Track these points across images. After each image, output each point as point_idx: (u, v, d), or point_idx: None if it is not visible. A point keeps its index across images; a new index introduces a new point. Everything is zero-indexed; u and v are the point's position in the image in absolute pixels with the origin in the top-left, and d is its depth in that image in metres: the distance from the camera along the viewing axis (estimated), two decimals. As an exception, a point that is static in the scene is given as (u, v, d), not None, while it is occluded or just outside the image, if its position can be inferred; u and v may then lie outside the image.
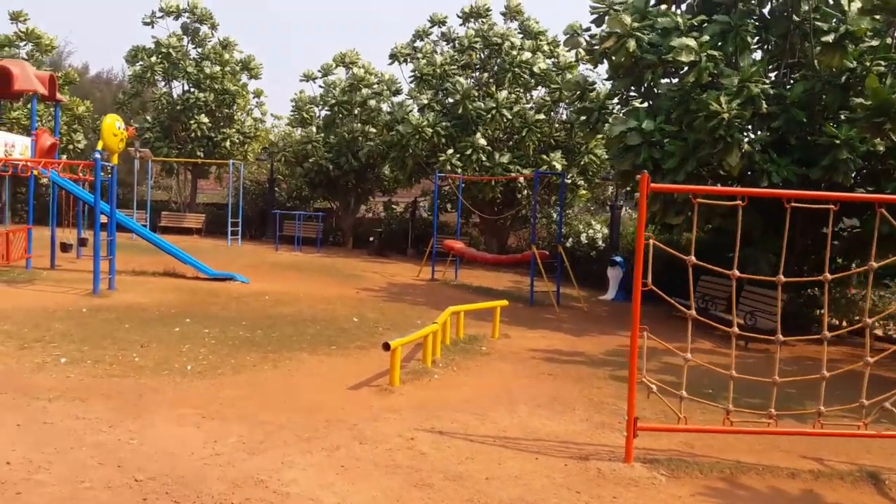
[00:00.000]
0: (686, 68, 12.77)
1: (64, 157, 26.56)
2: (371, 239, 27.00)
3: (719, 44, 12.84)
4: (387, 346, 8.05)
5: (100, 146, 13.51)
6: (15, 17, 29.14)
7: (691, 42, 12.42)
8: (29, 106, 26.87)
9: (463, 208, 21.05)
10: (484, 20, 25.84)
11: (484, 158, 22.69)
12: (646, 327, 5.65)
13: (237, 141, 31.20)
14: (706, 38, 12.53)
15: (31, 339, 9.34)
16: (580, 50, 16.53)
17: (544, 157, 23.00)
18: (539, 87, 25.20)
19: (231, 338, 10.26)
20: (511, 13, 25.99)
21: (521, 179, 23.38)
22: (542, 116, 23.21)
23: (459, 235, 20.58)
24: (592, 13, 15.36)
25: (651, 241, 5.46)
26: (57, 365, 8.18)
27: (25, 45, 29.16)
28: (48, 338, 9.46)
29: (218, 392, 7.45)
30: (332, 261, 22.66)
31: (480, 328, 11.81)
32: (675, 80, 13.61)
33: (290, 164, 30.05)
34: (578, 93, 15.57)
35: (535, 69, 23.91)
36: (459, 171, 22.25)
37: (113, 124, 13.66)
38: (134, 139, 24.21)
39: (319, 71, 30.13)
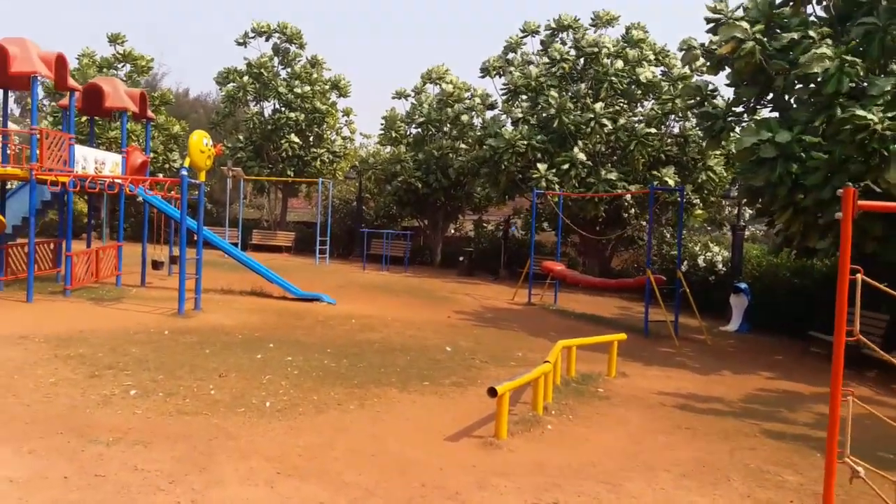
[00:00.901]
0: (820, 78, 11.19)
1: (160, 175, 26.71)
2: (461, 259, 25.92)
3: (861, 48, 11.22)
4: (493, 392, 6.85)
5: (186, 163, 12.97)
6: (113, 39, 29.76)
7: (826, 50, 10.87)
8: (133, 125, 27.50)
9: (559, 227, 19.76)
10: (574, 30, 24.62)
11: (584, 174, 21.33)
12: (851, 390, 4.26)
13: (326, 160, 30.87)
14: (844, 41, 10.92)
15: (104, 365, 8.64)
16: (698, 60, 14.99)
17: (654, 172, 21.44)
18: (646, 99, 23.70)
19: (315, 367, 9.33)
20: (602, 22, 24.67)
21: (629, 197, 21.88)
22: (652, 130, 21.67)
23: (559, 257, 19.25)
24: (709, 22, 13.99)
25: (860, 276, 4.08)
26: (125, 398, 7.38)
27: (124, 66, 29.69)
28: (122, 364, 8.74)
29: (297, 438, 6.45)
30: (421, 281, 21.71)
31: (591, 363, 10.49)
32: (811, 86, 11.99)
33: (379, 182, 29.46)
34: (698, 99, 14.10)
35: (642, 78, 22.45)
36: (557, 187, 20.98)
37: (200, 141, 13.12)
38: (222, 156, 24.02)
39: (413, 89, 29.54)
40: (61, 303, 13.37)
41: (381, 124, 29.63)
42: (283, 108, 30.26)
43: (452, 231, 30.20)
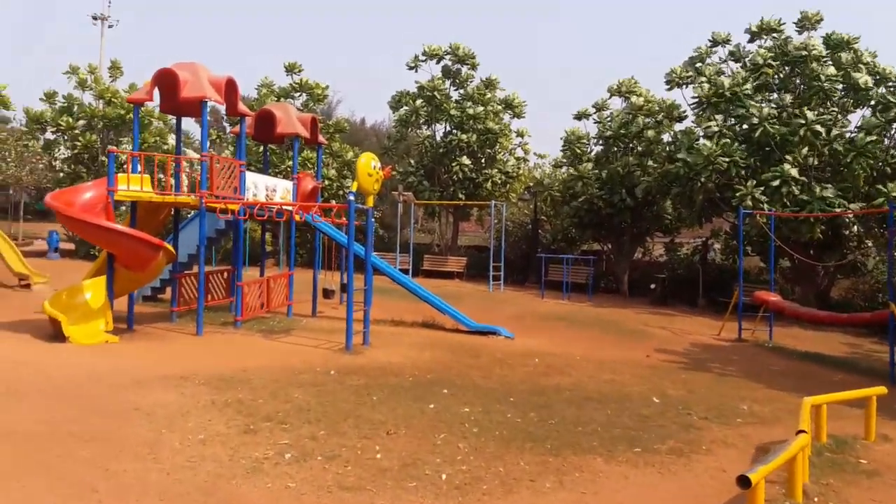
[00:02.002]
0: None
1: (333, 202, 26.56)
2: (652, 286, 23.47)
3: None
4: (745, 482, 4.95)
5: (354, 187, 11.98)
6: (290, 68, 30.28)
7: None
8: (308, 153, 27.76)
9: (766, 252, 17.07)
10: (777, 34, 21.75)
11: (797, 191, 18.47)
12: None
13: (499, 181, 29.59)
14: None
15: (263, 415, 7.55)
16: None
17: (880, 187, 18.21)
18: (861, 107, 20.43)
19: (497, 424, 7.77)
20: (810, 23, 21.63)
21: (850, 217, 18.74)
22: (872, 137, 18.48)
23: (773, 286, 16.57)
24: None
25: None
26: (279, 464, 6.16)
27: (300, 95, 30.09)
28: (282, 415, 7.61)
29: (484, 537, 4.87)
30: (608, 312, 19.66)
31: (839, 420, 8.24)
32: None
33: (557, 204, 27.72)
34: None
35: (861, 83, 19.31)
36: (765, 206, 18.29)
37: (368, 164, 12.08)
38: (391, 179, 23.39)
39: (593, 107, 27.70)
40: (230, 335, 12.77)
41: (562, 143, 27.99)
42: (454, 130, 29.41)
43: (639, 255, 27.76)
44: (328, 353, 11.48)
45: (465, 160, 28.57)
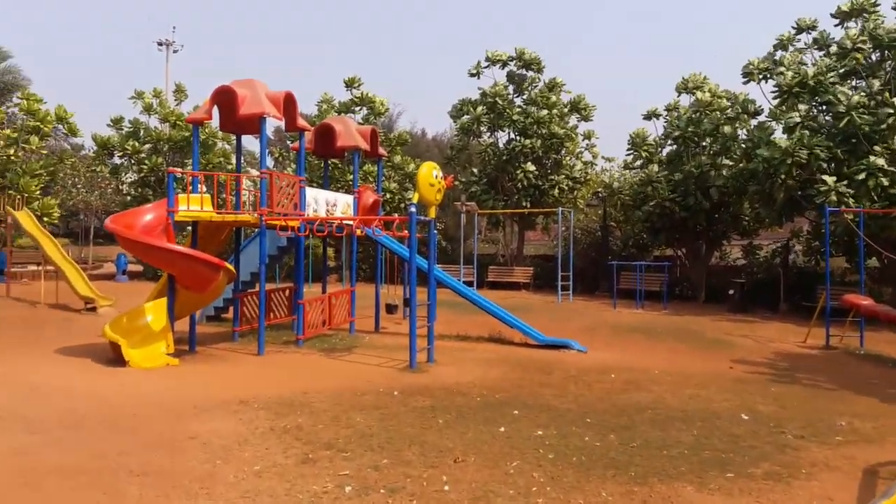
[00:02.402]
0: None
1: (396, 214, 26.26)
2: (731, 292, 22.29)
3: None
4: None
5: (415, 198, 11.55)
6: (349, 83, 30.22)
7: None
8: (369, 166, 27.60)
9: (853, 252, 15.89)
10: (867, 16, 20.40)
11: (885, 182, 17.19)
12: None
13: (566, 187, 28.83)
14: None
15: (323, 442, 7.11)
16: None
17: (982, 178, 16.85)
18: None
19: (574, 449, 7.14)
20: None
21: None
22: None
23: (863, 288, 15.40)
24: None
25: None
26: (338, 499, 5.70)
27: (360, 109, 29.99)
28: (342, 441, 7.17)
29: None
30: (685, 321, 18.71)
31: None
32: None
33: (627, 208, 26.78)
34: None
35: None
36: (850, 201, 17.12)
37: (429, 173, 11.64)
38: (454, 188, 22.91)
39: (665, 107, 26.75)
40: (292, 355, 12.47)
41: (628, 144, 27.08)
42: (518, 137, 28.81)
43: (716, 260, 26.52)
44: (391, 371, 11.03)
45: (530, 166, 27.95)
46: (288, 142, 41.06)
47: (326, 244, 18.93)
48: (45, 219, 24.54)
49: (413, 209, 11.26)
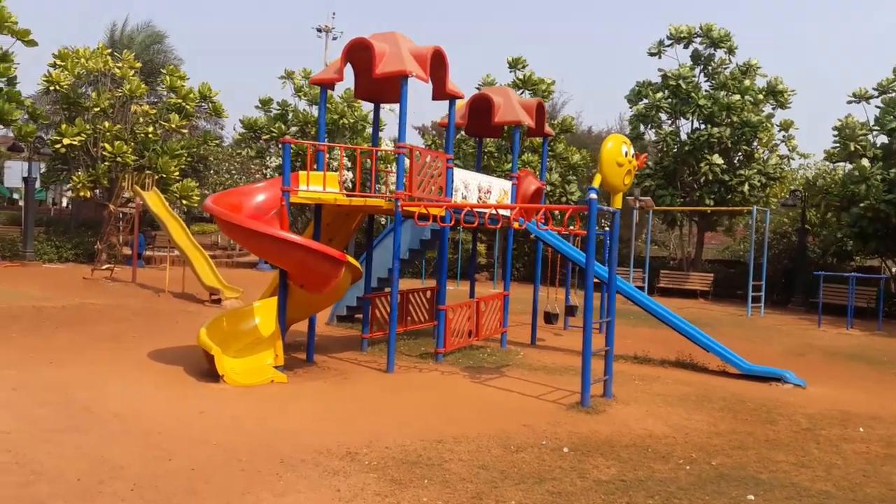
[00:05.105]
0: None
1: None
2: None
3: None
4: None
5: (596, 182, 8.65)
6: (513, 64, 27.71)
7: None
8: (527, 155, 24.87)
9: None
10: None
11: None
12: None
13: (758, 184, 24.70)
14: None
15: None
16: None
17: None
18: None
19: None
20: None
21: None
22: None
23: None
24: None
25: None
26: None
27: (523, 92, 27.32)
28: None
29: None
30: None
31: None
32: None
33: (833, 209, 22.43)
34: None
35: None
36: None
37: (617, 149, 8.70)
38: (644, 168, 19.78)
39: (875, 88, 22.22)
40: (428, 374, 9.94)
41: (834, 136, 22.70)
42: (703, 125, 25.03)
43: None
44: (555, 409, 8.20)
45: (717, 159, 24.11)
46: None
47: (477, 238, 16.40)
48: (185, 202, 23.68)
49: (593, 195, 8.37)
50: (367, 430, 6.89)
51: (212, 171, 28.99)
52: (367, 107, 28.29)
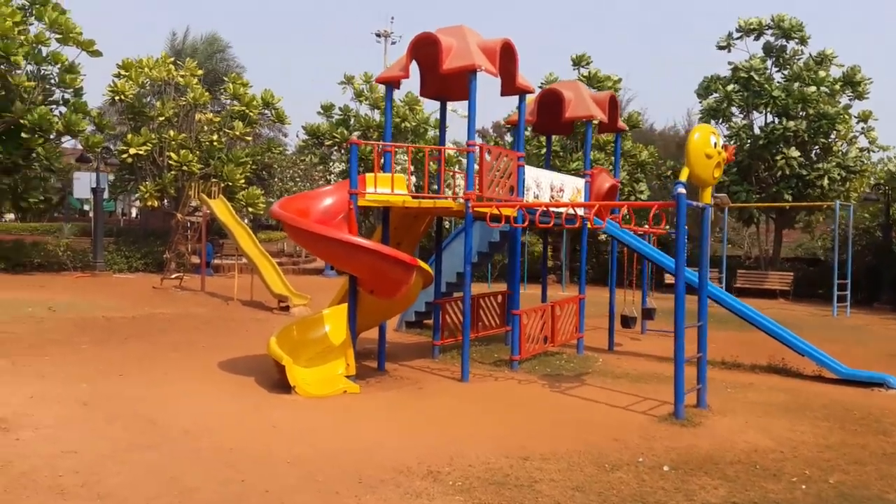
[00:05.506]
0: None
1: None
2: None
3: None
4: None
5: (683, 176, 8.03)
6: (577, 61, 27.08)
7: None
8: (594, 153, 23.98)
9: None
10: None
11: None
12: None
13: (837, 177, 23.48)
14: None
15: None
16: None
17: None
18: None
19: None
20: None
21: None
22: None
23: None
24: None
25: None
26: None
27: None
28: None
29: None
30: None
31: None
32: None
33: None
34: None
35: None
36: None
37: (705, 140, 8.05)
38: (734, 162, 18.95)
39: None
40: (505, 382, 9.45)
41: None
42: (777, 118, 23.97)
43: None
44: (646, 420, 7.61)
45: (794, 152, 23.01)
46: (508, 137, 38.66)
47: (547, 241, 15.86)
48: (250, 209, 23.71)
49: (681, 190, 7.77)
50: (447, 444, 6.45)
51: (276, 179, 29.09)
52: (428, 108, 28.06)
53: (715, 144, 8.23)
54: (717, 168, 8.32)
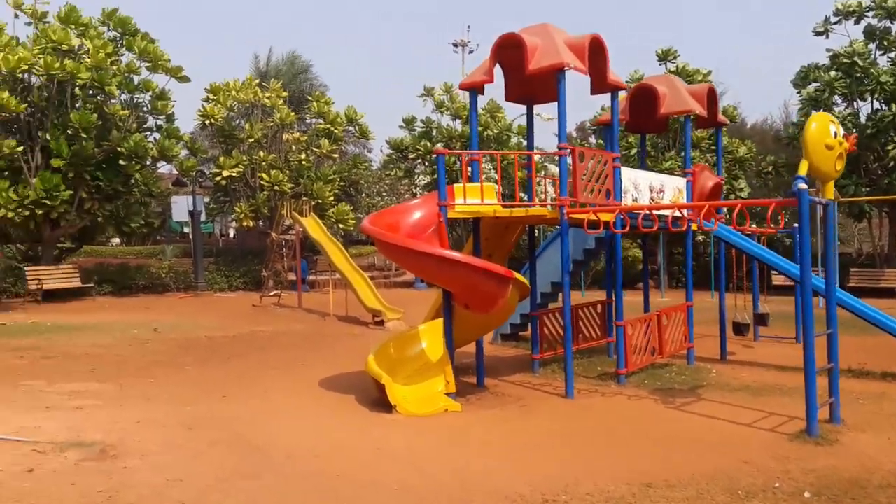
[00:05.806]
0: None
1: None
2: None
3: None
4: None
5: (802, 169, 7.37)
6: (663, 56, 26.15)
7: None
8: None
9: None
10: None
11: None
12: None
13: (955, 164, 21.78)
14: None
15: None
16: None
17: None
18: None
19: None
20: None
21: None
22: None
23: None
24: None
25: None
26: None
27: (676, 85, 25.75)
28: None
29: None
30: None
31: None
32: None
33: None
34: None
35: None
36: None
37: (824, 129, 7.38)
38: (855, 152, 17.83)
39: None
40: (613, 398, 8.94)
41: None
42: (886, 104, 22.44)
43: None
44: (776, 439, 6.96)
45: (904, 140, 21.49)
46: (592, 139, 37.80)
47: (647, 246, 15.19)
48: (341, 225, 23.88)
49: (802, 185, 7.12)
50: (559, 469, 6.04)
51: (363, 194, 29.29)
52: (510, 114, 27.66)
53: (835, 134, 7.55)
54: (839, 160, 7.64)
